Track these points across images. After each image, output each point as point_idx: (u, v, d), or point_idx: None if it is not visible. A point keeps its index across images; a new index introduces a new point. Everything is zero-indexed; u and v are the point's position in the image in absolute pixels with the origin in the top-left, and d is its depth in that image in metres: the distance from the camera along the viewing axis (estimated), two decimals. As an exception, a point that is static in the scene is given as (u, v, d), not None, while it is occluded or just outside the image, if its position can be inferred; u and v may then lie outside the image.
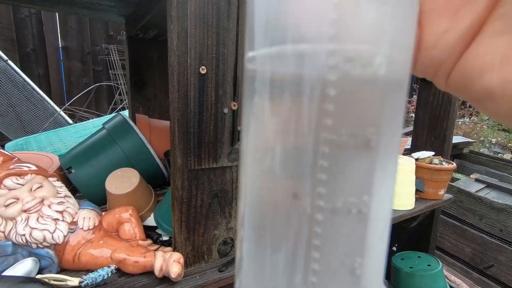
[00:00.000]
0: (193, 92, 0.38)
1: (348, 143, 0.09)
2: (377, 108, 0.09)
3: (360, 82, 0.09)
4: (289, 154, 0.10)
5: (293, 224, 0.10)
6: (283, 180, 0.10)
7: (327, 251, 0.10)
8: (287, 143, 0.10)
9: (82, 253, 0.45)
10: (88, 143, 0.62)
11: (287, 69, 0.09)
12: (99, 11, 0.69)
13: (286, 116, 0.09)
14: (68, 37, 2.54)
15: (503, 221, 1.74)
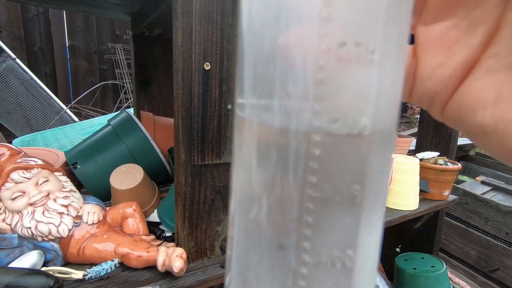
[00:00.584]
0: (197, 88, 0.39)
1: (333, 199, 0.09)
2: (362, 166, 0.10)
3: (345, 141, 0.09)
4: (275, 207, 0.10)
5: (278, 275, 0.10)
6: (269, 231, 0.10)
7: None
8: (272, 196, 0.10)
9: (86, 247, 0.45)
10: (94, 139, 0.62)
11: (273, 124, 0.09)
12: (105, 9, 0.70)
13: (273, 170, 0.10)
14: (75, 36, 2.56)
15: (509, 224, 1.72)
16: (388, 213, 0.76)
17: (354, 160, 0.09)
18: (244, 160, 0.10)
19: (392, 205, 0.78)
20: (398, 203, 0.77)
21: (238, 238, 0.11)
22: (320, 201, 0.09)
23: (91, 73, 2.67)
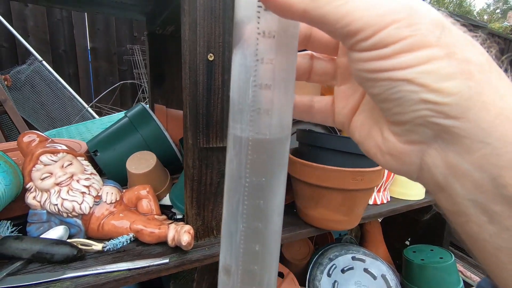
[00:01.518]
0: (202, 77, 0.42)
1: (258, 159, 0.19)
2: (270, 154, 0.19)
3: (261, 141, 0.18)
4: (235, 167, 0.19)
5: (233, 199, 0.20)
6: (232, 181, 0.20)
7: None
8: (234, 163, 0.19)
9: (105, 223, 0.50)
10: (112, 130, 0.68)
11: (238, 135, 0.19)
12: (123, 10, 0.75)
13: (238, 152, 0.19)
14: (96, 38, 2.69)
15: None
16: (393, 202, 0.77)
17: (266, 150, 0.19)
18: (229, 156, 0.20)
19: (396, 195, 0.79)
20: (403, 192, 0.78)
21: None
22: (251, 159, 0.19)
23: (111, 73, 2.79)
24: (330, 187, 0.54)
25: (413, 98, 0.15)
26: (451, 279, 0.86)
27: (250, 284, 0.20)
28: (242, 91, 0.18)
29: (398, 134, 0.17)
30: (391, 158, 0.18)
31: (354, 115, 0.22)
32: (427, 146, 0.16)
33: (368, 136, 0.20)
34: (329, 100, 0.24)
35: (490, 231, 0.15)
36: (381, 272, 0.83)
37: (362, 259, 0.85)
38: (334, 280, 0.81)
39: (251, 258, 0.19)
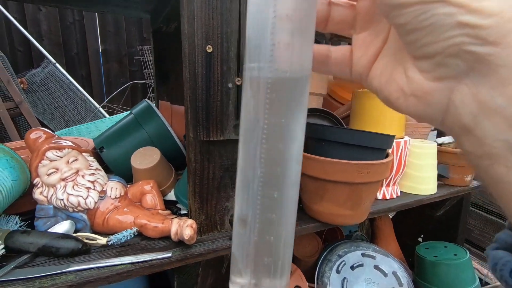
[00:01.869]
0: (201, 69, 0.42)
1: (277, 99, 0.18)
2: (290, 91, 0.18)
3: (282, 80, 0.18)
4: (252, 105, 0.18)
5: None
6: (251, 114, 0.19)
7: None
8: (252, 101, 0.18)
9: (110, 218, 0.51)
10: (118, 127, 0.69)
11: (255, 74, 0.18)
12: (128, 8, 0.76)
13: (255, 92, 0.18)
14: (107, 40, 2.74)
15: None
16: (404, 197, 0.75)
17: (286, 89, 0.18)
18: (245, 96, 0.19)
19: (407, 189, 0.77)
20: (414, 187, 0.76)
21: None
22: (270, 99, 0.18)
23: (122, 74, 2.84)
24: (335, 181, 0.53)
25: (448, 22, 0.14)
26: (466, 277, 0.83)
27: (268, 233, 0.19)
28: (260, 24, 0.17)
29: (425, 70, 0.16)
30: (415, 100, 0.17)
31: (374, 63, 0.21)
32: (457, 82, 0.15)
33: (389, 80, 0.19)
34: (347, 50, 0.22)
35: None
36: (392, 269, 0.81)
37: (372, 256, 0.83)
38: (344, 277, 0.80)
39: (269, 206, 0.19)
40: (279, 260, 0.19)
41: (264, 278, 0.19)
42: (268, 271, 0.19)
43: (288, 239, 0.20)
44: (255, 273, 0.19)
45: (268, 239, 0.19)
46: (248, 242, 0.19)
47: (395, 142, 0.68)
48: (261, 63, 0.17)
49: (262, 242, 0.19)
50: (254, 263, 0.19)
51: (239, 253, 0.20)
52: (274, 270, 0.19)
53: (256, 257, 0.19)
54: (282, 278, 0.20)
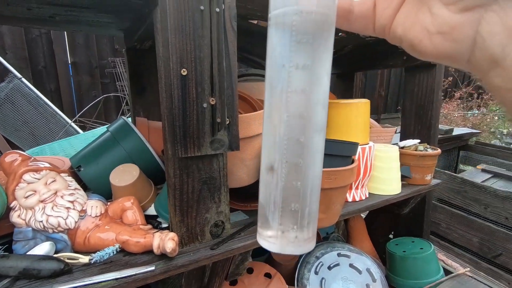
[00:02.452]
0: (177, 91, 0.45)
1: (303, 41, 0.18)
2: (314, 32, 0.18)
3: (307, 21, 0.18)
4: (280, 40, 0.18)
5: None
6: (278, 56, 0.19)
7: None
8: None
9: (91, 236, 0.52)
10: (95, 145, 0.69)
11: (280, 19, 0.18)
12: (101, 27, 0.77)
13: (281, 36, 0.18)
14: (77, 53, 2.67)
15: (508, 209, 1.73)
16: (371, 198, 0.81)
17: (310, 28, 0.18)
18: (269, 37, 0.19)
19: (374, 191, 0.83)
20: (380, 188, 0.82)
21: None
22: (295, 41, 0.18)
23: (94, 87, 2.77)
24: (307, 187, 0.57)
25: None
26: (431, 268, 0.90)
27: (296, 178, 0.19)
28: None
29: (451, 2, 0.16)
30: (441, 37, 0.17)
31: (398, 12, 0.20)
32: (484, 10, 0.15)
33: (414, 23, 0.19)
34: (370, 3, 0.22)
35: None
36: (366, 266, 0.86)
37: (348, 255, 0.88)
38: (322, 277, 0.84)
39: (296, 150, 0.18)
40: (306, 207, 0.19)
41: (291, 224, 0.19)
42: (296, 218, 0.19)
43: (315, 186, 0.19)
44: (283, 219, 0.19)
45: (295, 185, 0.19)
46: (275, 188, 0.19)
47: (361, 148, 0.74)
48: (286, 7, 0.17)
49: (289, 188, 0.19)
50: (282, 209, 0.19)
51: (266, 200, 0.19)
52: (301, 217, 0.19)
53: (284, 203, 0.19)
54: (309, 227, 0.19)
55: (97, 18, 0.67)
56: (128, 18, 0.68)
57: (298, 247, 0.19)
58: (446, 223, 1.98)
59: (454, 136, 2.84)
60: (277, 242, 0.19)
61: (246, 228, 0.62)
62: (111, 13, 0.63)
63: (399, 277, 0.93)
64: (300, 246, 0.19)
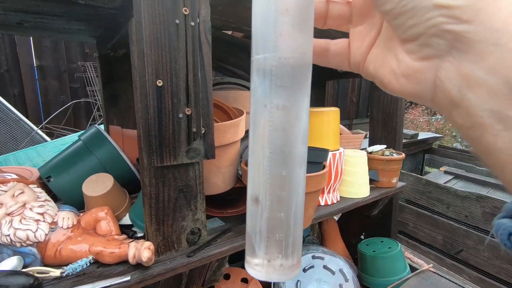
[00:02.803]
0: (152, 102, 0.46)
1: (279, 83, 0.20)
2: (293, 77, 0.20)
3: (285, 67, 0.19)
4: (262, 80, 0.20)
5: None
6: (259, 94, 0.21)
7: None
8: (260, 76, 0.20)
9: (62, 249, 0.51)
10: (66, 154, 0.67)
11: (261, 64, 0.20)
12: (71, 34, 0.76)
13: (262, 80, 0.20)
14: (43, 56, 2.55)
15: (467, 208, 1.86)
16: (342, 201, 0.85)
17: (288, 73, 0.20)
18: (253, 81, 0.21)
19: (345, 194, 0.87)
20: (350, 191, 0.87)
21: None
22: (275, 85, 0.20)
23: (62, 92, 2.66)
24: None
25: (426, 5, 0.16)
26: (398, 266, 0.96)
27: (279, 209, 0.20)
28: (264, 19, 0.19)
29: (412, 51, 0.18)
30: (405, 80, 0.19)
31: (369, 52, 0.23)
32: (441, 60, 0.17)
33: (382, 64, 0.21)
34: (345, 42, 0.24)
35: (505, 139, 0.15)
36: (339, 267, 0.90)
37: (321, 257, 0.91)
38: (297, 279, 0.87)
39: (278, 183, 0.20)
40: (290, 236, 0.20)
41: (276, 253, 0.20)
42: (280, 247, 0.20)
43: (298, 216, 0.21)
44: (268, 249, 0.20)
45: (279, 216, 0.20)
46: (260, 219, 0.20)
47: (332, 154, 0.78)
48: (266, 53, 0.19)
49: (273, 219, 0.20)
50: (267, 239, 0.20)
51: (253, 230, 0.21)
52: (285, 246, 0.20)
53: (269, 233, 0.20)
54: (294, 255, 0.21)
55: (69, 26, 0.66)
56: (101, 26, 0.68)
57: (283, 275, 0.21)
58: (413, 223, 2.09)
59: (420, 140, 3.02)
60: (263, 270, 0.21)
61: (223, 235, 0.63)
62: (83, 20, 0.62)
63: (370, 276, 0.98)
64: (285, 274, 0.21)
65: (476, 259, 1.74)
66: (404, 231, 2.12)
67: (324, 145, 0.73)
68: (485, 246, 1.69)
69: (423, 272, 0.99)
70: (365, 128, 1.44)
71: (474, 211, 1.81)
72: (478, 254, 1.73)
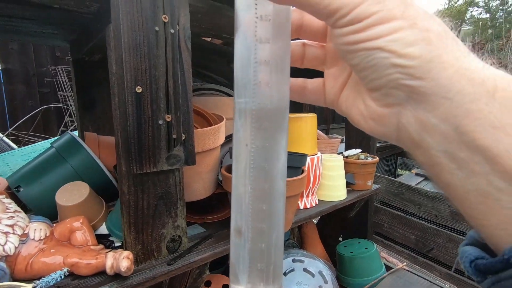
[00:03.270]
0: (131, 108, 0.45)
1: (261, 127, 0.22)
2: (271, 120, 0.22)
3: (263, 110, 0.21)
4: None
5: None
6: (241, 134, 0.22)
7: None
8: (242, 119, 0.22)
9: (34, 262, 0.48)
10: (37, 162, 0.65)
11: (242, 107, 0.21)
12: (44, 38, 0.73)
13: (244, 122, 0.21)
14: (10, 59, 2.42)
15: (437, 208, 1.96)
16: (321, 204, 0.88)
17: (268, 116, 0.21)
18: (236, 122, 0.22)
19: (323, 197, 0.90)
20: (328, 194, 0.89)
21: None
22: (255, 127, 0.21)
23: (31, 97, 2.53)
24: (261, 198, 0.61)
25: (385, 63, 0.18)
26: (375, 266, 0.99)
27: (260, 241, 0.22)
28: (244, 68, 0.21)
29: (376, 99, 0.20)
30: (373, 122, 0.21)
31: (342, 92, 0.25)
32: (402, 108, 0.19)
33: (353, 106, 0.23)
34: (320, 82, 0.27)
35: (459, 177, 0.17)
36: (318, 270, 0.92)
37: (301, 260, 0.93)
38: (278, 283, 0.87)
39: (259, 217, 0.21)
40: (271, 265, 0.22)
41: (258, 282, 0.22)
42: (262, 276, 0.22)
43: (278, 246, 0.22)
44: (250, 278, 0.22)
45: (260, 247, 0.22)
46: (243, 250, 0.22)
47: (310, 158, 0.81)
48: (247, 98, 0.21)
49: (255, 250, 0.22)
50: (249, 269, 0.22)
51: (236, 260, 0.22)
52: (266, 274, 0.22)
53: (251, 263, 0.22)
54: (275, 283, 0.22)
55: (41, 29, 0.64)
56: (76, 31, 0.66)
57: None
58: (388, 224, 2.17)
59: (392, 144, 3.15)
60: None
61: (203, 241, 0.63)
62: (57, 25, 0.60)
63: (348, 277, 1.01)
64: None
65: (446, 256, 1.84)
66: (379, 232, 2.19)
67: (302, 150, 0.75)
68: (453, 243, 1.78)
69: (398, 270, 1.04)
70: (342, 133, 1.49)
71: (443, 210, 1.91)
72: (447, 251, 1.83)
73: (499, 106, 0.16)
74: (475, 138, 0.16)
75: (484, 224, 0.17)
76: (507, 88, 0.16)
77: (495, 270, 0.17)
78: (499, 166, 0.16)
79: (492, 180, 0.16)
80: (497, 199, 0.16)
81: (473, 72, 0.17)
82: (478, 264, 0.18)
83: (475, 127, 0.16)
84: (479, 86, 0.17)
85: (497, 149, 0.16)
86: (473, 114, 0.16)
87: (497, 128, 0.16)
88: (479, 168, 0.16)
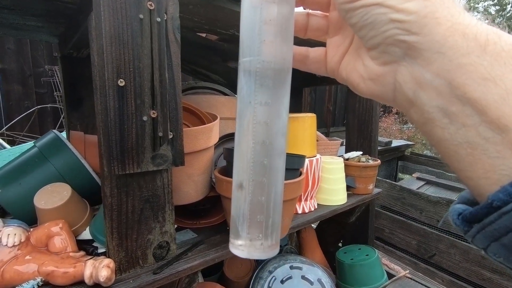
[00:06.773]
0: (113, 103, 0.42)
1: (264, 84, 0.23)
2: (274, 78, 0.23)
3: (267, 69, 0.22)
4: (247, 80, 0.22)
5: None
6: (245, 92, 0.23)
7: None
8: (246, 76, 0.22)
9: (6, 270, 0.44)
10: (17, 162, 0.61)
11: (247, 66, 0.22)
12: (28, 31, 0.70)
13: (248, 79, 0.22)
14: (6, 58, 2.39)
15: (439, 213, 1.92)
16: (320, 209, 0.84)
17: (271, 76, 0.22)
18: (240, 81, 0.23)
19: (322, 202, 0.86)
20: (328, 199, 0.85)
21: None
22: (259, 84, 0.22)
23: (27, 97, 2.49)
24: (256, 202, 0.57)
25: (383, 19, 0.19)
26: (376, 273, 0.95)
27: (261, 194, 0.23)
28: (250, 27, 0.21)
29: (375, 58, 0.21)
30: (371, 82, 0.22)
31: (342, 59, 0.26)
32: (398, 65, 0.20)
33: (353, 70, 0.24)
34: (322, 51, 0.27)
35: (450, 130, 0.18)
36: (317, 277, 0.88)
37: (300, 267, 0.89)
38: (275, 292, 0.83)
39: (260, 171, 0.22)
40: (269, 218, 0.23)
41: (257, 233, 0.23)
42: (261, 228, 0.23)
43: (277, 200, 0.23)
44: (250, 229, 0.23)
45: (260, 199, 0.23)
46: (244, 203, 0.23)
47: (309, 160, 0.77)
48: (252, 57, 0.22)
49: (255, 202, 0.23)
50: (249, 221, 0.23)
51: (237, 213, 0.23)
52: (265, 227, 0.23)
53: (251, 215, 0.23)
54: (272, 235, 0.23)
55: (24, 21, 0.60)
56: (62, 23, 0.63)
57: (263, 252, 0.23)
58: (389, 228, 2.13)
59: (393, 147, 3.12)
60: (245, 249, 0.23)
61: (194, 248, 0.59)
62: (40, 16, 0.57)
63: (348, 285, 0.96)
64: (265, 252, 0.23)
65: (448, 262, 1.79)
66: (380, 237, 2.15)
67: (300, 151, 0.71)
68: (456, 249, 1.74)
69: (400, 279, 0.99)
70: (341, 136, 1.46)
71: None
72: (450, 257, 1.78)
73: (490, 58, 0.16)
74: (466, 90, 0.17)
75: (471, 177, 0.18)
76: (497, 41, 0.17)
77: (480, 217, 0.17)
78: (488, 116, 0.16)
79: (480, 131, 0.16)
80: (485, 149, 0.17)
81: (466, 27, 0.17)
82: (465, 215, 0.18)
83: (466, 80, 0.17)
84: (472, 41, 0.17)
85: (485, 100, 0.16)
86: (465, 68, 0.17)
87: (487, 80, 0.16)
88: (470, 120, 0.17)
